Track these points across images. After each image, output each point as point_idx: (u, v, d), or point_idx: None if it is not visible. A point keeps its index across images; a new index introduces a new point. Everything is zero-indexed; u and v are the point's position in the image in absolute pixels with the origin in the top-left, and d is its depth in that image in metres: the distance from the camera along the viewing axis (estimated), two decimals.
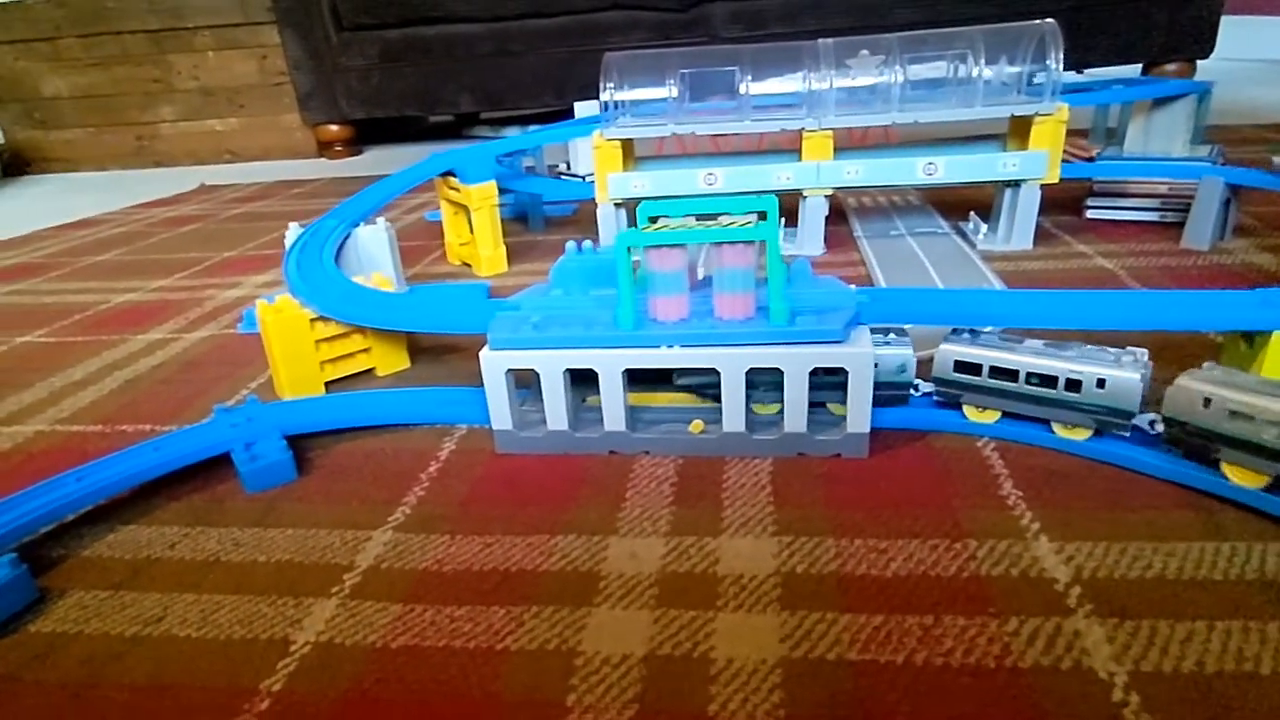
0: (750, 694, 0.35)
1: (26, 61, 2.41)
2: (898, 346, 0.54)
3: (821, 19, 2.00)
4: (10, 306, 1.03)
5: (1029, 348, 0.52)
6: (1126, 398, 0.48)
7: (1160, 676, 0.34)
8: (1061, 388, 0.50)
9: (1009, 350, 0.51)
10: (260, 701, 0.37)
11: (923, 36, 0.93)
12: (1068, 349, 0.51)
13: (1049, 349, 0.51)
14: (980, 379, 0.52)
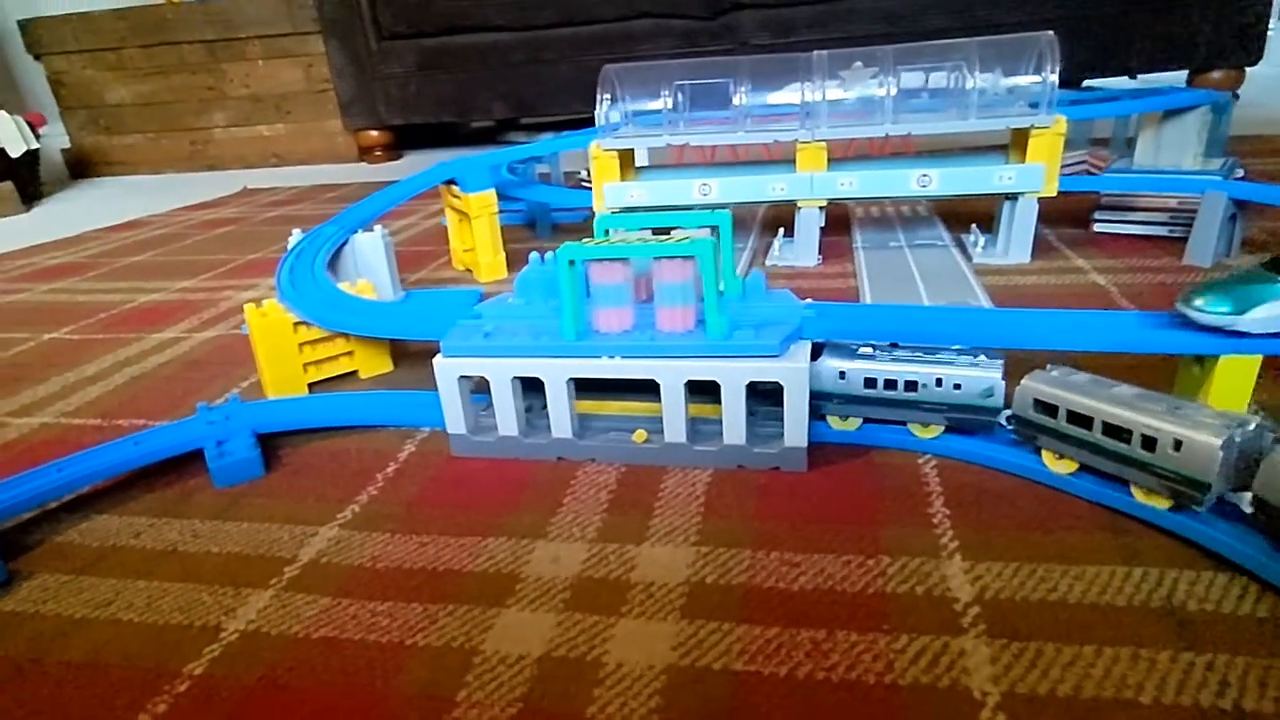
0: (630, 699, 0.36)
1: (94, 70, 2.54)
2: (985, 369, 0.51)
3: (851, 26, 1.99)
4: (46, 304, 1.10)
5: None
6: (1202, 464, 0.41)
7: (1033, 699, 0.35)
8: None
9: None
10: (180, 684, 0.39)
11: (919, 48, 0.92)
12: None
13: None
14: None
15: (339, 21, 2.22)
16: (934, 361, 0.52)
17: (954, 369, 0.51)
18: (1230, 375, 0.49)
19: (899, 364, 0.53)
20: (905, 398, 0.53)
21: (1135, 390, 0.46)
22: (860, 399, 0.54)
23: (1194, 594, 0.40)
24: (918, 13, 1.96)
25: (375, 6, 2.20)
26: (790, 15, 2.03)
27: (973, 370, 0.51)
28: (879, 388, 0.53)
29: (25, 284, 1.23)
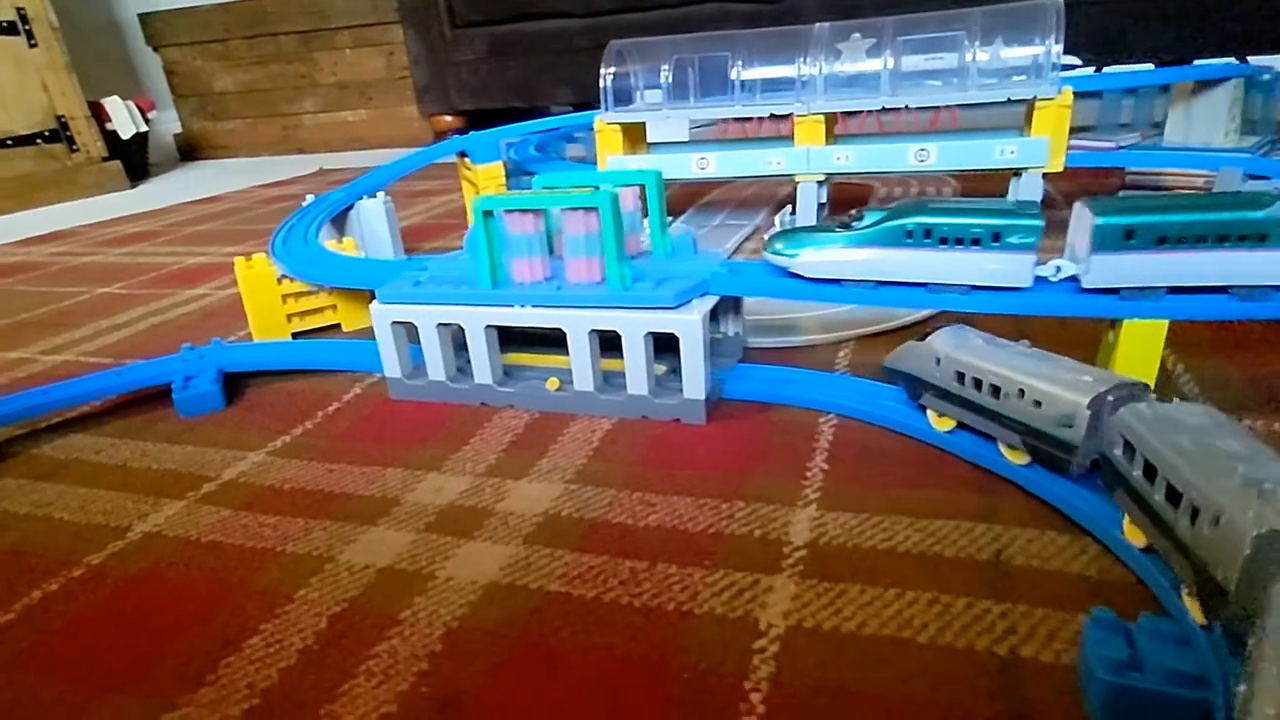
0: (441, 606, 0.39)
1: (203, 61, 2.74)
2: (1074, 390, 0.39)
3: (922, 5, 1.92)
4: (112, 265, 1.21)
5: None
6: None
7: (815, 632, 0.35)
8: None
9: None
10: (76, 570, 0.44)
11: (920, 19, 0.90)
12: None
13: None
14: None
15: (416, 10, 2.32)
16: (1043, 369, 0.41)
17: (1044, 383, 0.40)
18: (1134, 341, 0.47)
19: (1000, 363, 0.43)
20: (988, 405, 0.43)
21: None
22: (950, 395, 0.46)
23: (1029, 550, 0.39)
24: None
25: None
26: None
27: (1061, 389, 0.39)
28: (966, 385, 0.45)
29: (103, 248, 1.35)
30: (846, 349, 0.65)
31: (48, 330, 0.90)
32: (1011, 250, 0.48)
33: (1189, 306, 0.46)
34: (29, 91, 2.02)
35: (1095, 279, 0.47)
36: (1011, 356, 0.43)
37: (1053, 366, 0.42)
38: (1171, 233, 0.45)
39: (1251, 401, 0.50)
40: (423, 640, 0.37)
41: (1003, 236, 0.48)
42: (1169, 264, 0.46)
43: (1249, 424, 0.48)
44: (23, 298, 1.06)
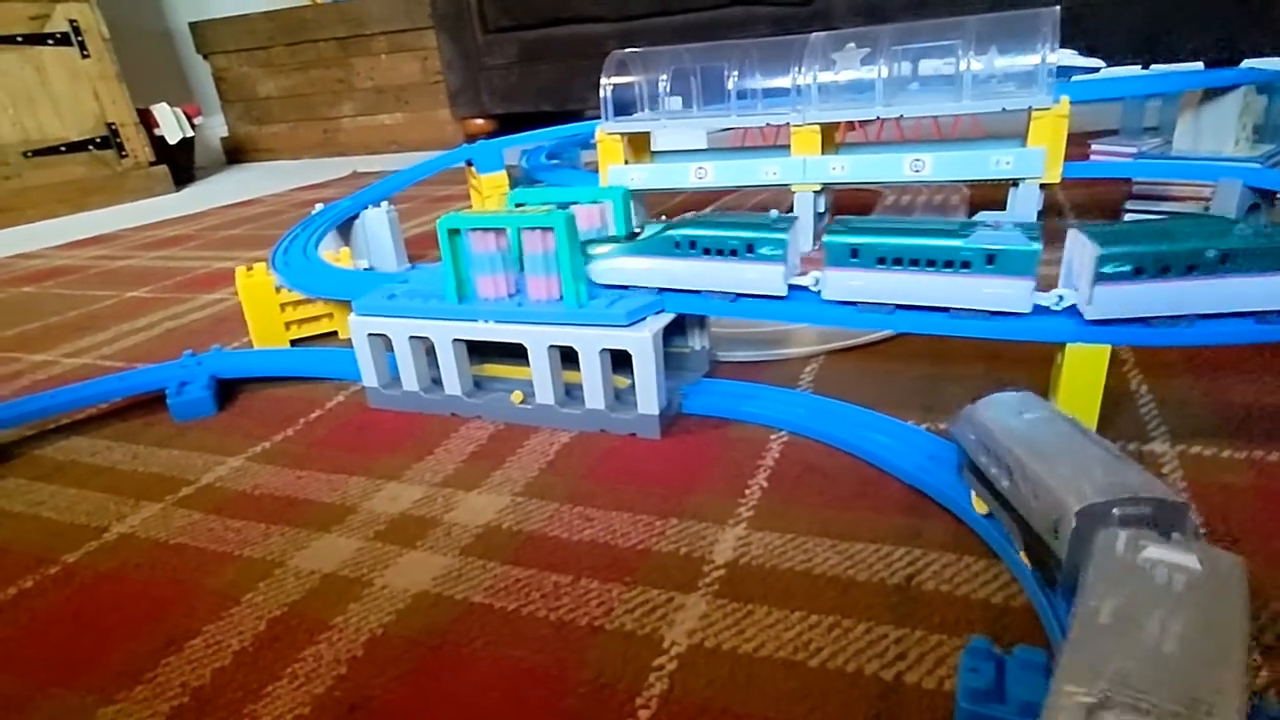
0: (371, 613, 0.41)
1: (248, 67, 2.83)
2: (1072, 492, 0.32)
3: (952, 7, 1.90)
4: (144, 269, 1.27)
5: None
6: None
7: (713, 651, 0.36)
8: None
9: None
10: (52, 568, 0.48)
11: (916, 28, 0.89)
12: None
13: None
14: None
15: (449, 16, 2.36)
16: (1075, 455, 0.35)
17: (1051, 472, 0.34)
18: (1077, 365, 0.47)
19: (1024, 441, 0.37)
20: (1001, 488, 0.38)
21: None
22: (977, 470, 0.41)
23: (942, 575, 0.39)
24: None
25: (482, 1, 2.32)
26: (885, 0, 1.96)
27: (1061, 486, 0.33)
28: (989, 459, 0.40)
29: (138, 251, 1.42)
30: (815, 364, 0.65)
31: (73, 333, 0.95)
32: (763, 261, 0.52)
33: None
34: (81, 100, 2.11)
35: (831, 291, 0.52)
36: (1049, 435, 0.37)
37: (1088, 454, 0.35)
38: (889, 254, 0.49)
39: (1210, 426, 0.50)
40: (347, 646, 0.39)
41: (755, 249, 0.52)
42: (893, 283, 0.49)
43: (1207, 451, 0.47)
44: (57, 301, 1.12)
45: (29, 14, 2.01)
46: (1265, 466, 0.45)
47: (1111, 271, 0.44)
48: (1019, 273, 0.47)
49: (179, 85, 2.87)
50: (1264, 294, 0.43)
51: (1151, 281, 0.44)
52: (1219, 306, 0.44)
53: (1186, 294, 0.44)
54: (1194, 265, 0.43)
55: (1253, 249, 0.42)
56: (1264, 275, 0.42)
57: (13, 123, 1.99)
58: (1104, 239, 0.44)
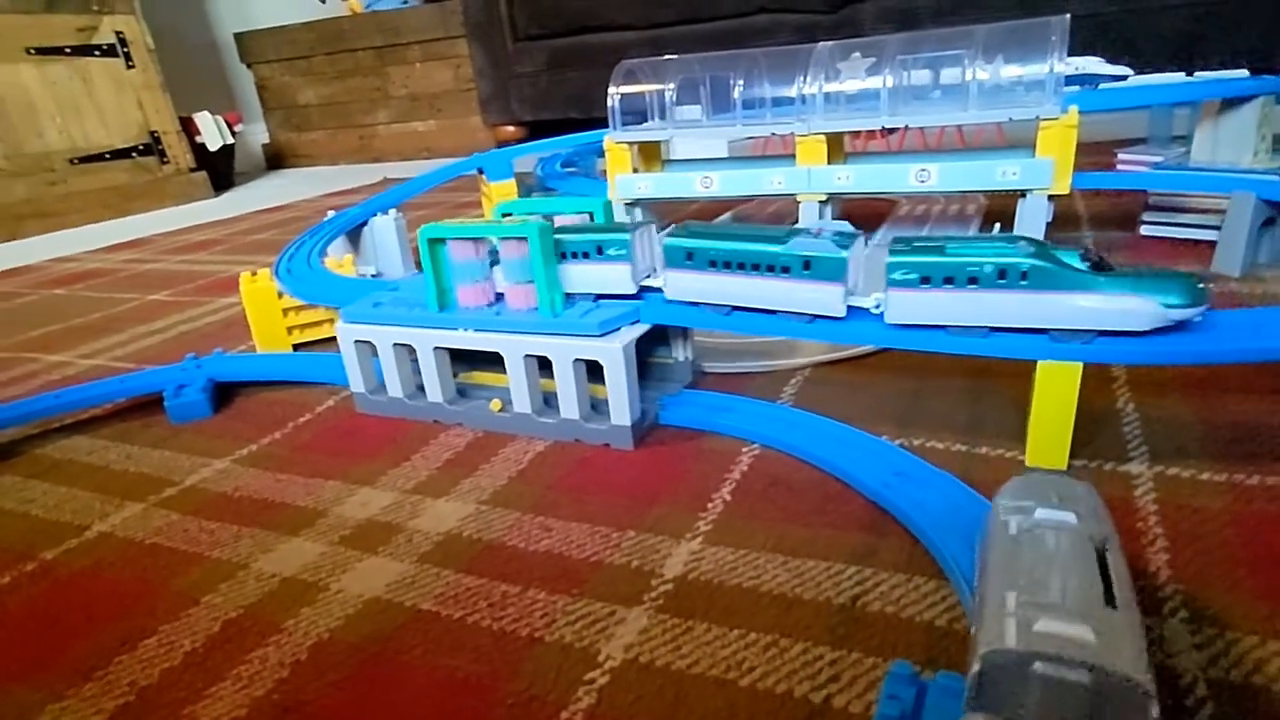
0: (321, 618, 0.41)
1: (289, 76, 2.90)
2: (1001, 627, 0.25)
3: (984, 15, 1.87)
4: (169, 272, 1.30)
5: None
6: None
7: (648, 668, 0.36)
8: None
9: None
10: (30, 565, 0.49)
11: (922, 37, 0.88)
12: None
13: None
14: None
15: (481, 25, 2.40)
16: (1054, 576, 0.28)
17: (995, 600, 0.27)
18: (1049, 382, 0.46)
19: (1006, 554, 0.30)
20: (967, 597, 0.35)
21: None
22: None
23: (889, 596, 0.38)
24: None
25: (513, 10, 2.35)
26: (914, 6, 1.94)
27: (995, 617, 0.26)
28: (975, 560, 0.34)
29: (168, 255, 1.46)
30: (801, 376, 0.64)
31: (92, 335, 0.98)
32: (612, 261, 0.56)
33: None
34: (126, 109, 2.18)
35: (671, 292, 0.55)
36: (1042, 548, 0.29)
37: (1068, 586, 0.27)
38: (719, 257, 0.52)
39: (1193, 448, 0.48)
40: (293, 650, 0.39)
41: (605, 250, 0.56)
42: (724, 285, 0.53)
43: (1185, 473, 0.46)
44: (83, 303, 1.15)
45: (77, 26, 2.09)
46: (1244, 490, 0.43)
47: (900, 279, 0.46)
48: (831, 278, 0.49)
49: (223, 93, 2.96)
50: (1041, 311, 0.44)
51: (937, 290, 0.46)
52: (1001, 320, 0.45)
53: (970, 305, 0.45)
54: (975, 278, 0.44)
55: (1028, 268, 0.43)
56: (1040, 293, 0.43)
57: (60, 131, 2.07)
58: (899, 250, 0.46)
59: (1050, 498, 0.32)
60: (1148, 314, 0.42)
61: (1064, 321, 0.44)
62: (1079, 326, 0.44)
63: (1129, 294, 0.42)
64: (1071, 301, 0.43)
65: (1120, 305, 0.42)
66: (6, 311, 1.16)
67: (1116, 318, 0.42)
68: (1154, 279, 0.42)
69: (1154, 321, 0.42)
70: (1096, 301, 0.42)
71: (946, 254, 0.45)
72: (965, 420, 0.54)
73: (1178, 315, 0.42)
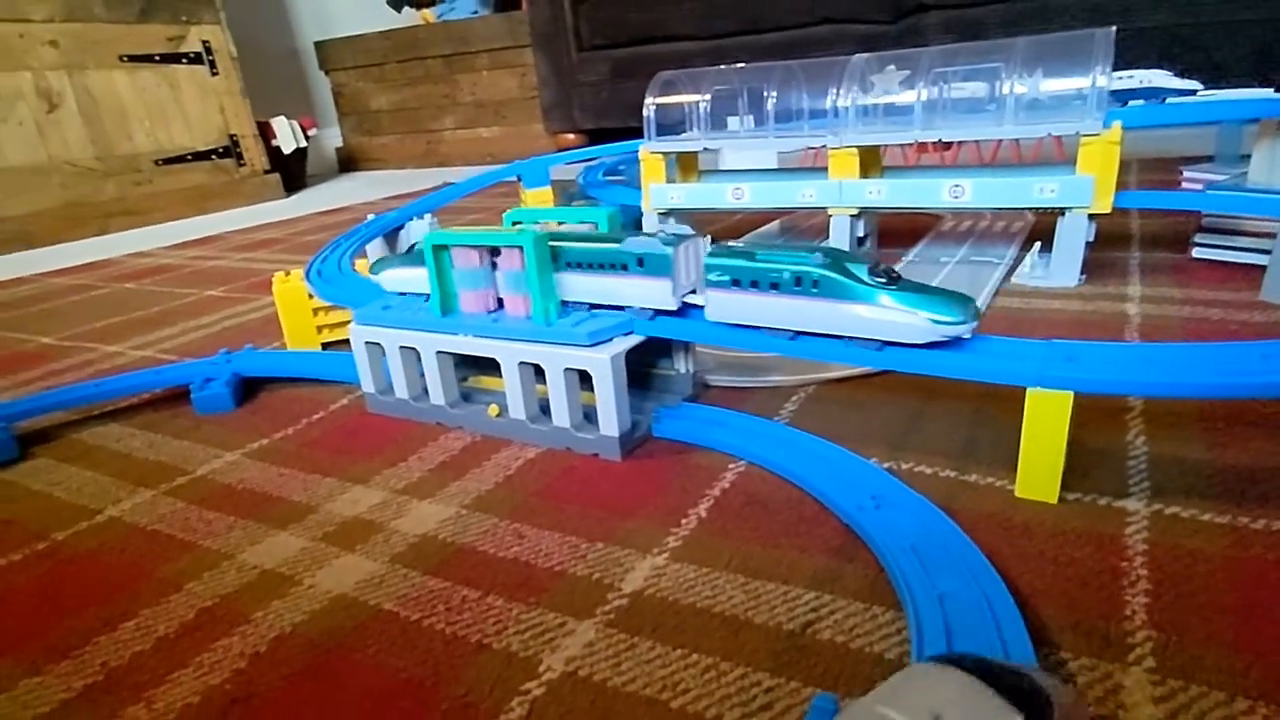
0: (289, 612, 0.42)
1: (363, 83, 3.00)
2: None
3: (1049, 24, 1.80)
4: (228, 269, 1.37)
5: None
6: None
7: (584, 681, 0.35)
8: None
9: None
10: (40, 544, 0.52)
11: (958, 49, 0.86)
12: None
13: None
14: None
15: (547, 35, 2.43)
16: None
17: None
18: (1038, 412, 0.44)
19: None
20: None
21: None
22: None
23: (842, 625, 0.37)
24: (1128, 7, 1.73)
25: (578, 20, 2.38)
26: (979, 15, 1.89)
27: None
28: None
29: (231, 253, 1.53)
30: (804, 393, 0.63)
31: (148, 327, 1.04)
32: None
33: None
34: (208, 114, 2.30)
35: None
36: None
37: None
38: (572, 259, 0.57)
39: (1200, 486, 0.45)
40: (255, 641, 0.40)
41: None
42: (578, 283, 0.57)
43: (1186, 512, 0.43)
44: (147, 297, 1.22)
45: (167, 35, 2.21)
46: (1245, 534, 0.41)
47: (715, 279, 0.51)
48: (660, 273, 0.53)
49: (301, 99, 3.08)
50: (830, 318, 0.47)
51: (745, 292, 0.50)
52: (799, 324, 0.49)
53: (773, 308, 0.49)
54: (776, 284, 0.48)
55: (818, 277, 0.47)
56: (829, 301, 0.47)
57: (148, 134, 2.19)
58: (715, 253, 0.51)
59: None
60: (920, 328, 0.45)
61: (848, 329, 0.47)
62: (861, 334, 0.47)
63: (903, 308, 0.45)
64: (854, 311, 0.46)
65: (896, 318, 0.45)
66: (80, 303, 1.23)
67: (892, 329, 0.45)
68: (928, 296, 0.45)
69: (925, 335, 0.45)
70: (876, 313, 0.45)
71: (755, 260, 0.49)
72: (960, 446, 0.52)
73: (947, 331, 0.44)
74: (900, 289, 0.45)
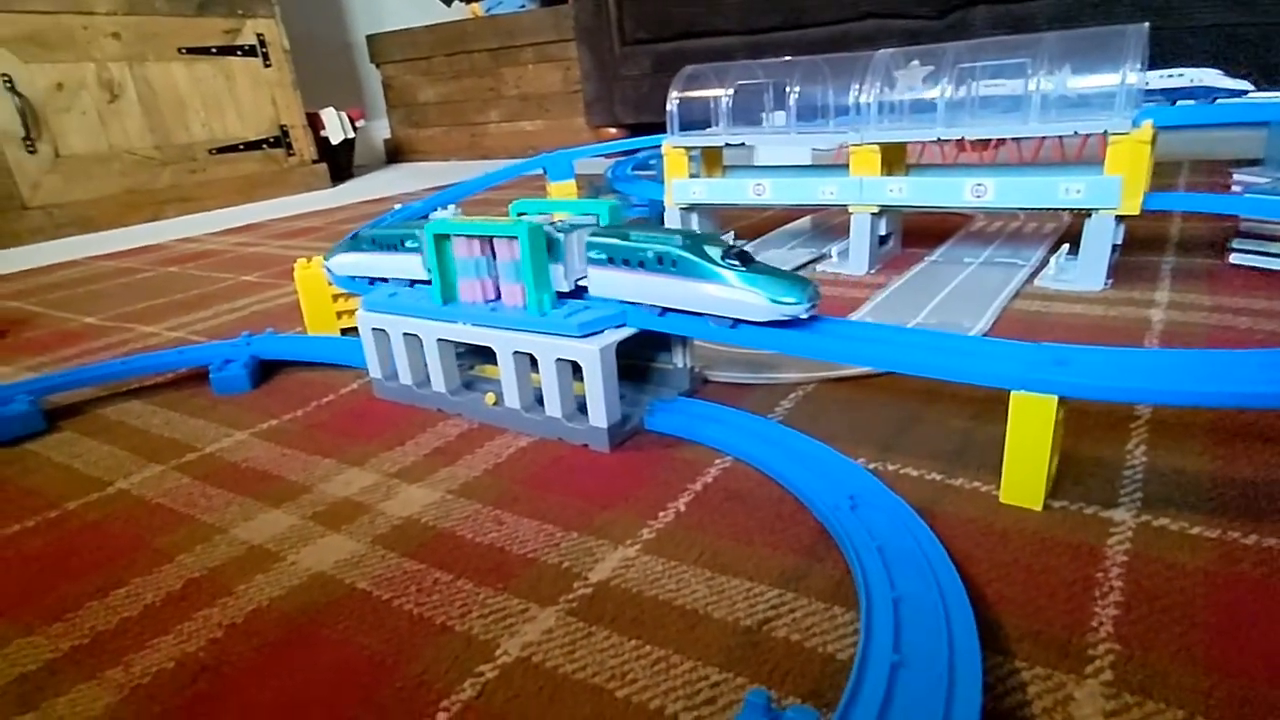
0: (269, 586, 0.44)
1: (411, 76, 3.05)
2: None
3: (1104, 19, 1.74)
4: (265, 256, 1.40)
5: None
6: None
7: (536, 667, 0.36)
8: None
9: None
10: (53, 512, 0.54)
11: (983, 45, 0.84)
12: None
13: None
14: None
15: (590, 29, 2.44)
16: None
17: None
18: (1022, 416, 0.43)
19: None
20: None
21: None
22: None
23: (799, 624, 0.37)
24: (1189, 4, 1.66)
25: (621, 14, 2.38)
26: (1028, 10, 1.84)
27: None
28: None
29: (271, 240, 1.57)
30: (802, 391, 0.62)
31: (184, 310, 1.07)
32: (408, 252, 0.65)
33: None
34: (260, 105, 2.36)
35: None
36: None
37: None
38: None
39: (1194, 499, 0.44)
40: (233, 613, 0.42)
41: (405, 243, 0.65)
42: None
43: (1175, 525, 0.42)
44: (188, 281, 1.26)
45: (223, 28, 2.27)
46: (1233, 550, 0.39)
47: (595, 257, 0.55)
48: (555, 259, 0.57)
49: (351, 91, 3.15)
50: (686, 295, 0.51)
51: (619, 270, 0.54)
52: (664, 300, 0.53)
53: (642, 285, 0.53)
54: (642, 262, 0.52)
55: (676, 257, 0.51)
56: (685, 279, 0.51)
57: (203, 124, 2.26)
58: (597, 233, 0.55)
59: None
60: (760, 307, 0.48)
61: (701, 306, 0.51)
62: (712, 311, 0.51)
63: (747, 288, 0.48)
64: (705, 289, 0.50)
65: (741, 296, 0.49)
66: (126, 285, 1.28)
67: (739, 307, 0.49)
68: (771, 278, 0.48)
69: (767, 314, 0.48)
70: (724, 291, 0.49)
71: (627, 240, 0.53)
72: (952, 449, 0.51)
73: (786, 311, 0.48)
74: (749, 271, 0.49)
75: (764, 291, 0.48)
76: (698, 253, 0.50)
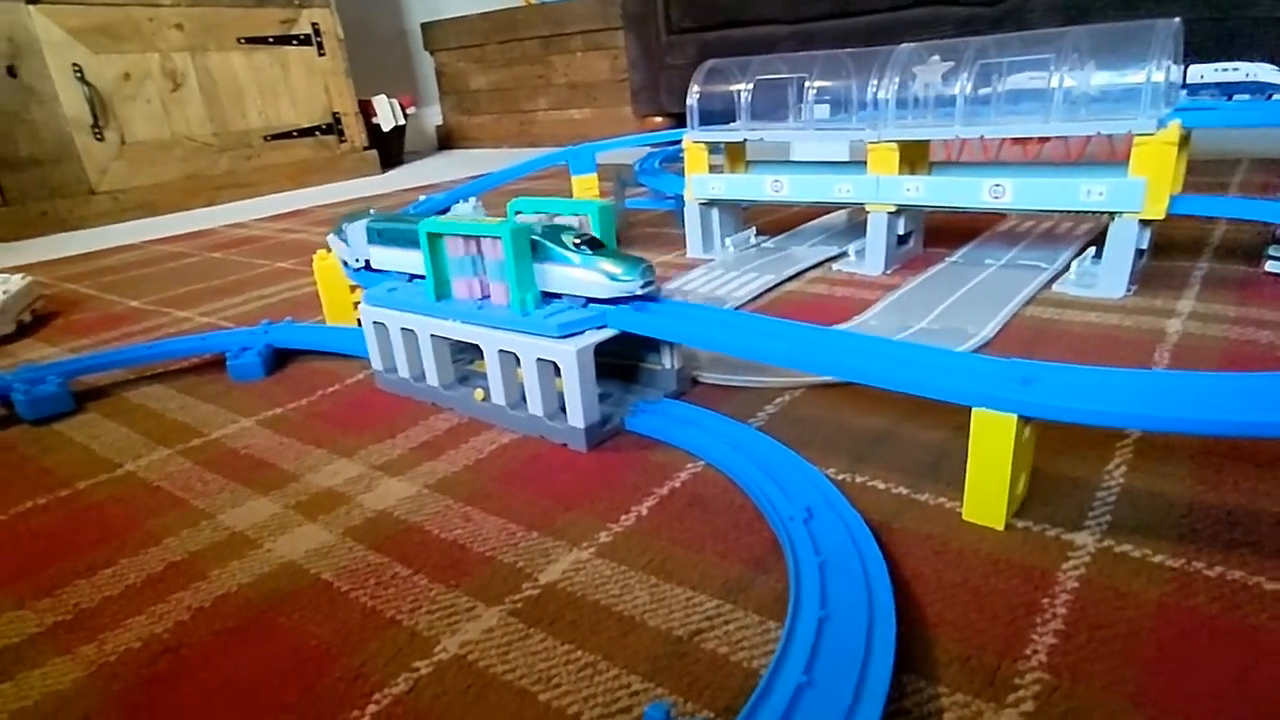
0: (240, 573, 0.46)
1: (464, 63, 3.09)
2: None
3: (1163, 8, 1.66)
4: (304, 242, 1.45)
5: None
6: None
7: (469, 666, 0.37)
8: None
9: None
10: (64, 491, 0.58)
11: (1008, 39, 0.81)
12: None
13: None
14: None
15: (637, 17, 2.44)
16: None
17: None
18: (983, 433, 0.42)
19: None
20: None
21: None
22: None
23: (730, 637, 0.37)
24: None
25: (668, 3, 2.37)
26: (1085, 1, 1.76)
27: None
28: None
29: (313, 226, 1.62)
30: (790, 395, 0.62)
31: (219, 295, 1.12)
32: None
33: None
34: (314, 93, 2.43)
35: None
36: None
37: None
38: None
39: (1165, 526, 0.42)
40: (203, 597, 0.44)
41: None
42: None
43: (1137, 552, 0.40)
44: (229, 266, 1.31)
45: (280, 18, 2.34)
46: (1192, 581, 0.38)
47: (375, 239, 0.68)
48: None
49: (405, 78, 3.20)
50: (545, 277, 0.58)
51: (388, 248, 0.69)
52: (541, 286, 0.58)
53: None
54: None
55: (537, 244, 0.56)
56: (542, 263, 0.57)
57: (259, 112, 2.33)
58: (376, 219, 0.71)
59: None
60: (601, 285, 0.55)
61: (558, 287, 0.57)
62: (565, 291, 0.57)
63: (587, 269, 0.55)
64: (557, 271, 0.56)
65: (584, 277, 0.55)
66: (171, 270, 1.34)
67: (583, 286, 0.55)
68: (610, 258, 0.55)
69: (609, 291, 0.55)
70: (572, 273, 0.56)
71: (401, 224, 0.63)
72: (926, 463, 0.50)
73: (623, 288, 0.54)
74: (594, 254, 0.55)
75: (601, 271, 0.54)
76: (551, 239, 0.56)
